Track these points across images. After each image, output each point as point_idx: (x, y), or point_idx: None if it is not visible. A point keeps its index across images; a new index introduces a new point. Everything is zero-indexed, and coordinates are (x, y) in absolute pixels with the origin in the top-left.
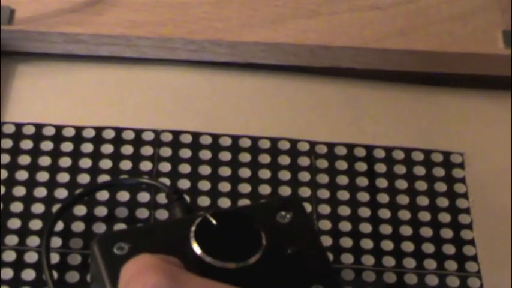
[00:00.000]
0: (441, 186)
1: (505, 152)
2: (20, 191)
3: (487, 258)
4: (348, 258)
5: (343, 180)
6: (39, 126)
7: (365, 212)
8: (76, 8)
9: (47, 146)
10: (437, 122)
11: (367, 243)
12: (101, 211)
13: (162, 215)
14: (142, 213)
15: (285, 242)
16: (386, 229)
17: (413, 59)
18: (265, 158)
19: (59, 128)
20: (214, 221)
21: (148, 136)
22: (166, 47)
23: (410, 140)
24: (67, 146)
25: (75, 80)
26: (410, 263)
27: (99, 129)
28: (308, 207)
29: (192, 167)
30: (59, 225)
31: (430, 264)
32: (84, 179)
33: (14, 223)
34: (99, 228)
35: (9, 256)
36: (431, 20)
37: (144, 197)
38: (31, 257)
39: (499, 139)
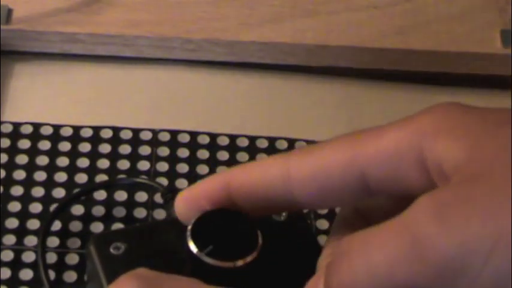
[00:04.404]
0: None
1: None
2: (17, 190)
3: None
4: None
5: None
6: (36, 126)
7: None
8: (73, 8)
9: (45, 145)
10: None
11: None
12: (99, 211)
13: (160, 214)
14: (140, 212)
15: (282, 240)
16: None
17: (411, 58)
18: (263, 158)
19: (56, 128)
20: (210, 220)
21: (146, 136)
22: (164, 47)
23: None
24: (65, 146)
25: (72, 79)
26: None
27: (96, 129)
28: None
29: (189, 167)
30: (57, 225)
31: None
32: (81, 178)
33: (12, 223)
34: (97, 227)
35: (7, 256)
36: (429, 19)
37: (141, 196)
38: (29, 256)
39: None
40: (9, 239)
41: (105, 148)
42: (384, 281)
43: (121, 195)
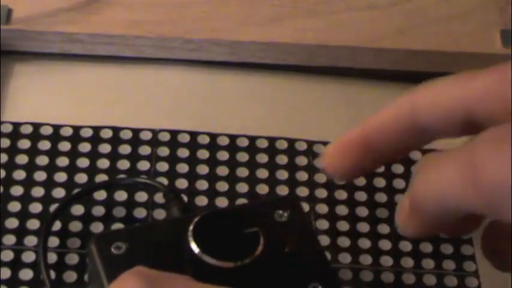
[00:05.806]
0: None
1: None
2: (17, 190)
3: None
4: (345, 258)
5: None
6: (36, 126)
7: (363, 211)
8: (73, 7)
9: (45, 145)
10: None
11: (365, 243)
12: (99, 211)
13: (160, 214)
14: (140, 212)
15: (283, 240)
16: (384, 229)
17: (411, 58)
18: (262, 158)
19: (56, 128)
20: (211, 221)
21: (146, 136)
22: (164, 47)
23: None
24: (65, 146)
25: (72, 79)
26: (408, 262)
27: (96, 129)
28: (306, 206)
29: (189, 167)
30: (57, 225)
31: (428, 263)
32: (81, 178)
33: (12, 223)
34: (97, 227)
35: (7, 256)
36: (429, 19)
37: (141, 196)
38: (29, 256)
39: None
40: (9, 239)
41: (105, 148)
42: (441, 201)
43: (121, 195)
